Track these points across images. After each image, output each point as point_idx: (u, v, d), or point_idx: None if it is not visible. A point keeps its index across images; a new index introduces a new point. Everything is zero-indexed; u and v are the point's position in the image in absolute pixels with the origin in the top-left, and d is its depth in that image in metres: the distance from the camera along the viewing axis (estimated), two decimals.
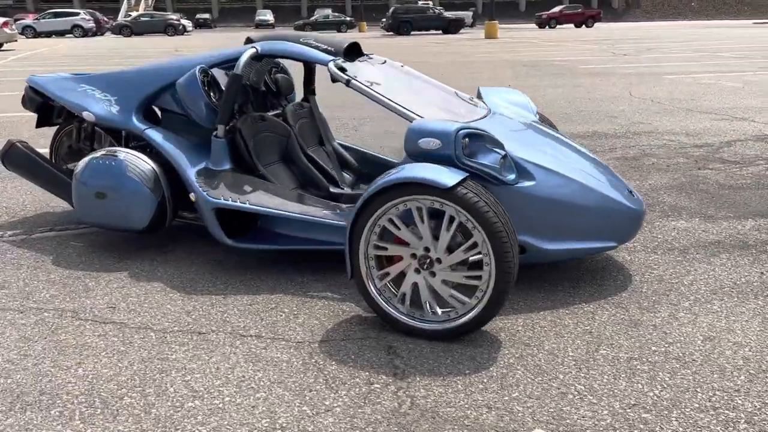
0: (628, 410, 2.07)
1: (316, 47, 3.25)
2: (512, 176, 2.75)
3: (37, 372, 2.36)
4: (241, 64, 3.20)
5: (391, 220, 2.49)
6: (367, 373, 2.32)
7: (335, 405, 2.14)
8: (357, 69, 3.20)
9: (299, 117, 3.79)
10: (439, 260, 2.45)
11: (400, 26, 37.22)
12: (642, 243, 3.53)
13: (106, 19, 42.33)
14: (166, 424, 2.05)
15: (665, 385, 2.19)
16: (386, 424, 2.03)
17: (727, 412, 2.04)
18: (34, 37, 37.34)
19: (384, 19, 38.91)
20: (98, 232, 3.87)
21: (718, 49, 18.69)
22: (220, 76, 3.56)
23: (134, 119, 3.49)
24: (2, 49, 25.10)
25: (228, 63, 3.42)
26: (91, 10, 42.56)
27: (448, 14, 38.98)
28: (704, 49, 19.10)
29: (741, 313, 2.70)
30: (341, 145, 4.05)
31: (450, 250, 2.45)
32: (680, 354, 2.39)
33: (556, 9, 44.12)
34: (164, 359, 2.43)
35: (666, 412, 2.05)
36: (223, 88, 3.41)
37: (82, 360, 2.43)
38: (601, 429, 1.98)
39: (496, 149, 2.71)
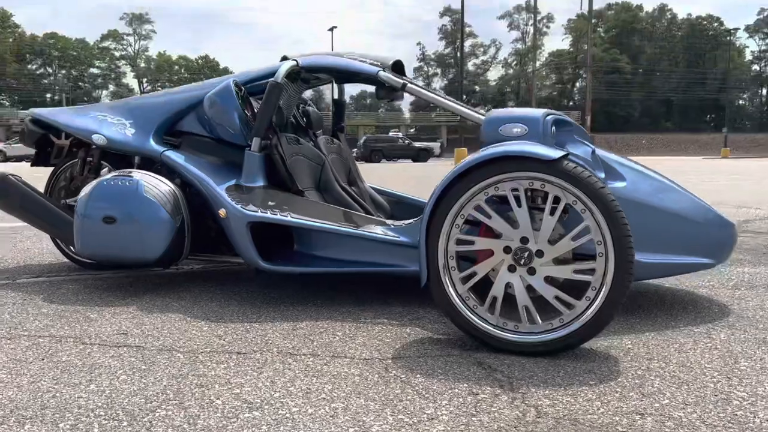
0: None
1: (362, 61, 3.00)
2: (602, 175, 2.42)
3: (36, 389, 1.80)
4: (280, 74, 2.90)
5: (479, 207, 2.10)
6: (465, 385, 1.83)
7: (440, 414, 1.64)
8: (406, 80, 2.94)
9: (330, 151, 3.46)
10: (540, 252, 2.04)
11: (372, 154, 38.19)
12: (719, 281, 3.17)
13: None
14: None
15: None
16: None
17: None
18: (4, 161, 37.08)
19: (355, 149, 40.04)
20: (97, 276, 3.35)
21: (687, 170, 19.36)
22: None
23: (152, 142, 3.11)
24: None
25: (262, 80, 3.12)
26: None
27: (417, 144, 40.31)
28: (676, 170, 19.76)
29: None
30: (372, 187, 3.70)
31: (551, 241, 2.05)
32: None
33: None
34: (201, 375, 1.90)
35: None
36: (256, 109, 3.09)
37: (93, 378, 1.89)
38: None
39: (586, 142, 2.40)
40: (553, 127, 2.30)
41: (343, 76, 3.16)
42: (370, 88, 3.21)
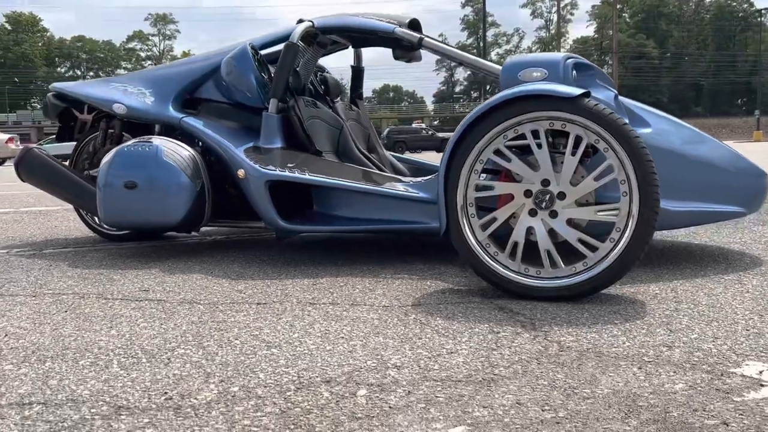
0: None
1: (378, 19, 2.97)
2: (625, 120, 2.35)
3: (58, 335, 1.82)
4: (296, 34, 2.89)
5: (498, 152, 2.06)
6: (486, 326, 1.79)
7: (459, 348, 1.61)
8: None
9: (349, 117, 3.44)
10: (562, 195, 1.99)
11: (395, 146, 38.07)
12: (751, 238, 3.08)
13: None
14: (238, 368, 1.50)
15: None
16: (536, 363, 1.50)
17: None
18: None
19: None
20: (121, 246, 3.38)
21: None
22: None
23: (171, 109, 3.12)
24: (5, 164, 25.22)
25: (278, 42, 3.10)
26: None
27: (441, 135, 40.07)
28: None
29: None
30: (392, 155, 3.68)
31: (573, 182, 2.00)
32: None
33: None
34: (221, 321, 1.90)
35: None
36: (273, 71, 3.07)
37: (114, 325, 1.90)
38: None
39: (608, 87, 2.34)
40: (574, 71, 2.25)
41: (360, 36, 3.13)
42: (393, 81, 3.19)
